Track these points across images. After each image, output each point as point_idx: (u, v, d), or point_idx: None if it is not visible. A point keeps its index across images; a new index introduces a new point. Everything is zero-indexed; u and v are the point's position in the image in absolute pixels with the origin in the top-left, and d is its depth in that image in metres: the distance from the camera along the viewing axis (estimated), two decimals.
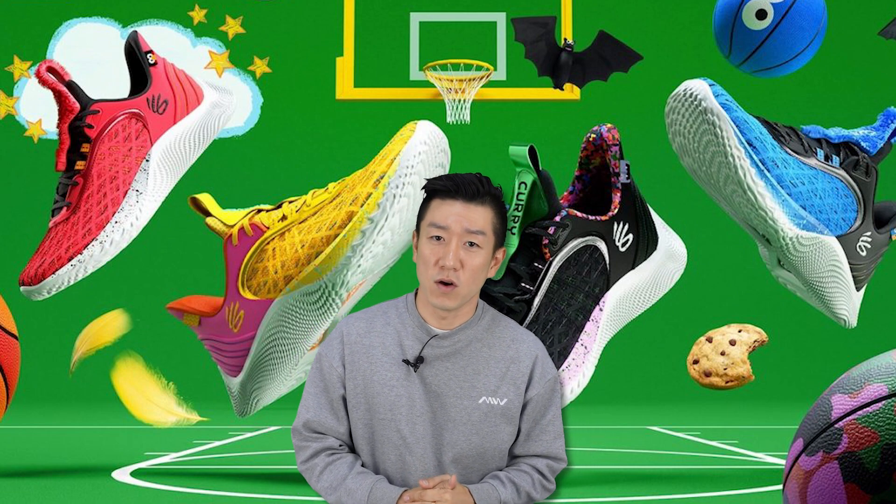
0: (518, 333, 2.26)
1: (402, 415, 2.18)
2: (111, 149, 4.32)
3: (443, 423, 2.18)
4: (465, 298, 2.18)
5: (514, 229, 3.50)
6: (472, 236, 2.17)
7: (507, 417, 2.20)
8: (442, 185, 2.20)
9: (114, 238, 4.26)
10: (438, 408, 2.18)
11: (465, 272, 2.16)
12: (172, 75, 4.51)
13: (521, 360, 2.22)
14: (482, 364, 2.20)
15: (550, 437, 2.23)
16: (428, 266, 2.17)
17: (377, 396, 2.18)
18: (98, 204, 4.27)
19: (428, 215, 2.20)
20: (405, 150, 3.81)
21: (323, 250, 3.86)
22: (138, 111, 4.38)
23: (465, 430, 2.18)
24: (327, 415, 2.20)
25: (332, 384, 2.21)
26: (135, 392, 5.20)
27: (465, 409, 2.18)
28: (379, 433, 2.19)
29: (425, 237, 2.19)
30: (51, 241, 4.31)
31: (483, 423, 2.18)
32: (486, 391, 2.19)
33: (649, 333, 11.46)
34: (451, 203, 2.18)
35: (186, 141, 4.48)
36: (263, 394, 4.28)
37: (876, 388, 1.73)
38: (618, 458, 5.75)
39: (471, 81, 9.70)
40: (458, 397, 2.18)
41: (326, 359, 2.22)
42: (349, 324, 2.25)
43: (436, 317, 2.21)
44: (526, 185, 3.50)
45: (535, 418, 2.22)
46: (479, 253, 2.17)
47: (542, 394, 2.22)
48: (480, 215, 2.18)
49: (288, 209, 4.01)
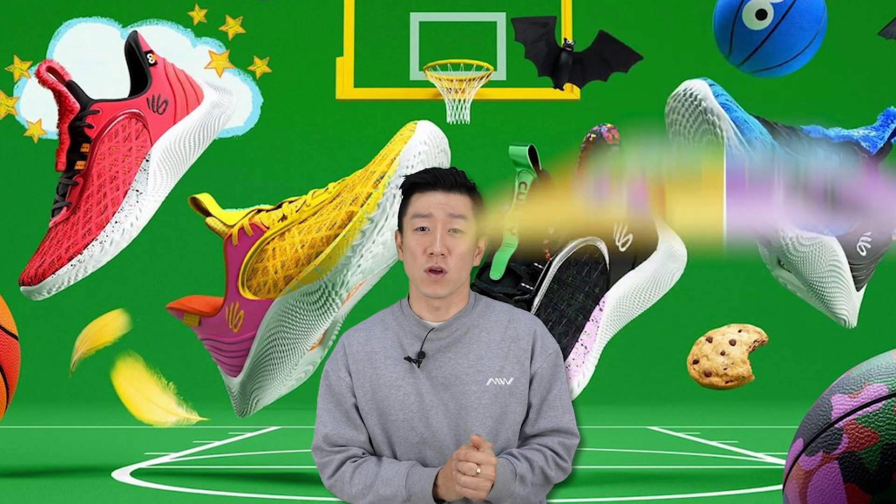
0: (514, 313, 2.31)
1: (415, 412, 2.21)
2: (111, 149, 4.32)
3: (456, 412, 2.21)
4: (455, 285, 2.22)
5: (515, 229, 3.50)
6: (456, 221, 2.22)
7: (515, 395, 2.24)
8: (421, 179, 2.27)
9: (114, 238, 4.25)
10: (449, 399, 2.21)
11: (452, 258, 2.21)
12: (172, 75, 4.51)
13: (521, 338, 2.27)
14: (483, 348, 2.24)
15: (559, 412, 2.26)
16: (416, 257, 2.22)
17: (387, 399, 2.21)
18: (98, 204, 4.27)
19: (410, 209, 2.26)
20: (405, 150, 3.81)
21: (323, 250, 3.86)
22: (138, 111, 4.38)
23: (478, 415, 2.21)
24: (345, 426, 2.23)
25: (343, 395, 2.24)
26: (135, 392, 5.20)
27: (475, 395, 2.21)
28: (396, 435, 2.22)
29: (410, 230, 2.24)
30: (51, 241, 4.31)
31: (494, 404, 2.22)
32: (492, 373, 2.23)
33: (649, 333, 11.46)
34: (431, 194, 2.24)
35: (186, 141, 4.48)
36: (263, 394, 4.28)
37: (876, 388, 1.73)
38: (618, 458, 5.75)
39: (471, 81, 9.71)
40: (466, 384, 2.21)
41: (333, 372, 2.25)
42: (349, 336, 2.30)
43: (430, 310, 2.25)
44: (526, 185, 3.50)
45: (542, 394, 2.26)
46: (464, 238, 2.23)
47: (545, 367, 2.26)
48: (461, 202, 2.24)
49: (288, 209, 4.01)
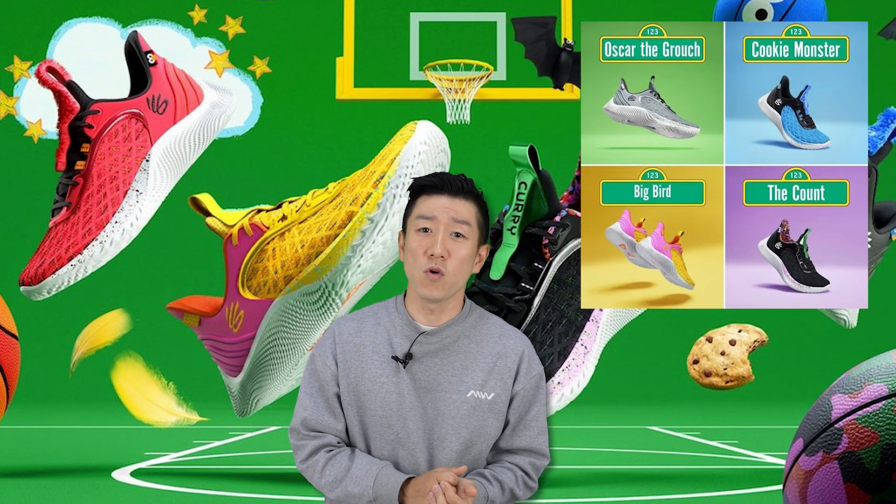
0: (505, 330, 2.33)
1: (393, 411, 2.22)
2: (111, 149, 4.32)
3: (433, 417, 2.23)
4: (451, 289, 2.24)
5: (514, 229, 3.50)
6: (459, 226, 2.24)
7: (494, 411, 2.26)
8: (429, 182, 2.30)
9: (114, 238, 4.25)
10: (428, 403, 2.23)
11: (451, 261, 2.23)
12: (172, 75, 4.51)
13: (508, 356, 2.28)
14: (470, 359, 2.26)
15: (534, 432, 2.29)
16: (416, 257, 2.24)
17: (368, 394, 2.23)
18: (98, 204, 4.27)
19: (415, 210, 2.29)
20: (405, 150, 3.81)
21: (323, 250, 3.86)
22: (138, 111, 4.38)
23: (453, 424, 2.23)
24: (324, 413, 2.24)
25: (327, 382, 2.25)
26: (135, 392, 5.20)
27: (454, 404, 2.23)
28: (372, 430, 2.24)
29: (413, 231, 2.27)
30: (51, 241, 4.31)
31: (471, 416, 2.24)
32: (474, 385, 2.25)
33: (649, 333, 11.46)
34: (437, 197, 2.27)
35: (186, 141, 4.48)
36: (263, 394, 4.28)
37: (876, 388, 1.73)
38: (618, 458, 5.75)
39: (471, 81, 9.70)
40: (447, 392, 2.23)
41: (320, 358, 2.27)
42: (340, 324, 2.32)
43: (424, 313, 2.27)
44: (526, 185, 3.50)
45: (521, 413, 2.29)
46: (465, 244, 2.25)
47: (527, 388, 2.29)
48: (465, 208, 2.27)
49: (288, 209, 4.01)
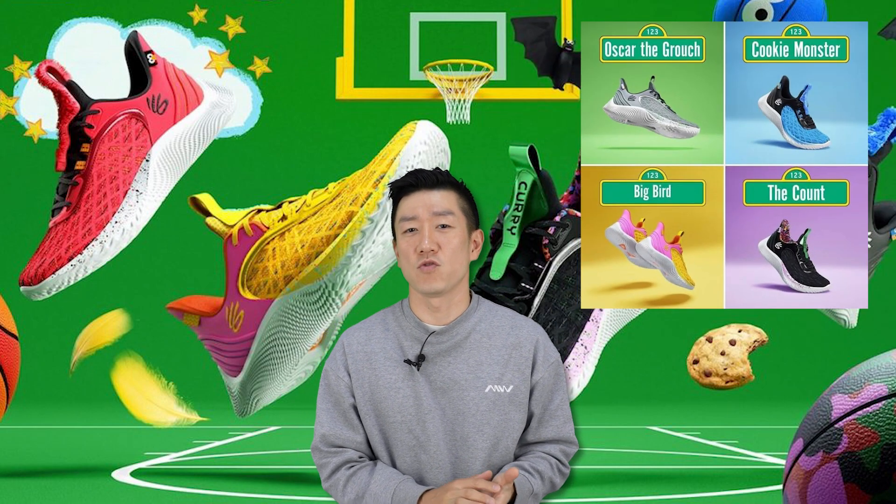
0: (517, 320, 2.29)
1: (412, 415, 2.19)
2: (111, 149, 4.32)
3: (453, 417, 2.20)
4: (450, 278, 2.21)
5: (515, 229, 3.50)
6: (441, 217, 2.22)
7: (515, 404, 2.22)
8: (403, 182, 2.28)
9: (114, 238, 4.25)
10: (447, 403, 2.19)
11: (443, 252, 2.21)
12: (172, 75, 4.51)
13: (523, 346, 2.24)
14: (484, 354, 2.22)
15: (560, 421, 2.26)
16: (409, 258, 2.22)
17: (385, 400, 2.21)
18: (98, 204, 4.27)
19: (398, 213, 2.27)
20: (405, 150, 3.81)
21: (323, 250, 3.86)
22: (138, 111, 4.38)
23: (475, 422, 2.19)
24: (342, 426, 2.23)
25: (342, 395, 2.23)
26: (135, 392, 5.20)
27: (474, 401, 2.19)
28: (392, 437, 2.21)
29: (400, 234, 2.25)
30: (51, 241, 4.31)
31: (493, 412, 2.20)
32: (492, 380, 2.21)
33: (649, 333, 11.46)
34: (415, 195, 2.25)
35: (186, 141, 4.48)
36: (263, 394, 4.28)
37: (876, 388, 1.73)
38: (618, 458, 5.75)
39: (471, 81, 9.71)
40: (465, 389, 2.20)
41: (332, 372, 2.25)
42: (349, 335, 2.29)
43: (430, 312, 2.24)
44: (526, 185, 3.50)
45: (544, 403, 2.25)
46: (453, 232, 2.23)
47: (546, 377, 2.25)
48: (444, 198, 2.24)
49: (288, 209, 4.01)
